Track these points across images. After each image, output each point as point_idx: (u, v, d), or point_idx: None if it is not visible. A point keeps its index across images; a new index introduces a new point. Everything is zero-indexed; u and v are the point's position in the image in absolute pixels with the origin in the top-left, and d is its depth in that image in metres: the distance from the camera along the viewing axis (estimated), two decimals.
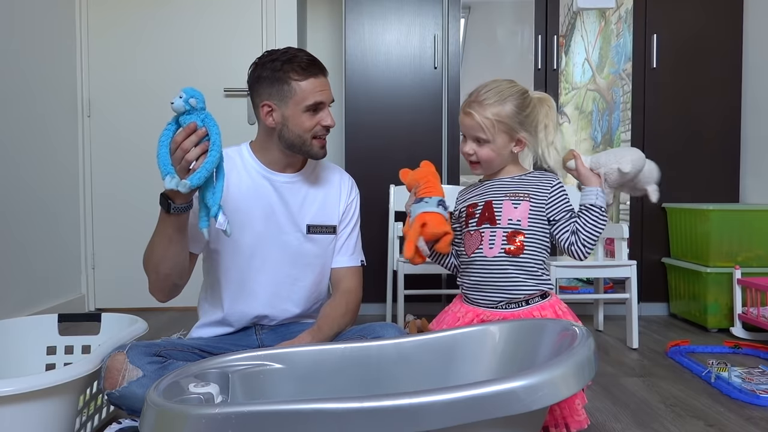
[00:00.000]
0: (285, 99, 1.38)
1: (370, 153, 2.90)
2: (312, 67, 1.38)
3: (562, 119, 3.01)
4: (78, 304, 3.01)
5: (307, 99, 1.37)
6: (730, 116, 2.92)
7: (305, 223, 1.48)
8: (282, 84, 1.37)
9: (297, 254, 1.47)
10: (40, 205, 2.71)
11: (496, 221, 1.32)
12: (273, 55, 1.40)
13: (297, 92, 1.37)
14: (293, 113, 1.38)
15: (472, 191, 1.42)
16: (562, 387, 0.87)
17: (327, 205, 1.52)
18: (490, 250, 1.32)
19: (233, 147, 1.48)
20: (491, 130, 1.27)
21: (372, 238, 1.62)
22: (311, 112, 1.39)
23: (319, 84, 1.38)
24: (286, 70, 1.37)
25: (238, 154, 1.47)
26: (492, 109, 1.27)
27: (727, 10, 2.90)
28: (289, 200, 1.47)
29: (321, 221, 1.49)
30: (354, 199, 1.60)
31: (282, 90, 1.37)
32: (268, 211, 1.44)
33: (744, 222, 2.59)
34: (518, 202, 1.32)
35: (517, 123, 1.28)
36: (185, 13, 3.10)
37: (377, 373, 1.22)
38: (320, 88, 1.39)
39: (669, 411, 1.66)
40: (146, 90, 3.10)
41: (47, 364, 1.70)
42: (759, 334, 2.41)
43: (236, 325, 1.49)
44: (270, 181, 1.45)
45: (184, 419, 0.86)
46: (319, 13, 3.62)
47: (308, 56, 1.40)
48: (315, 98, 1.38)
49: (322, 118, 1.40)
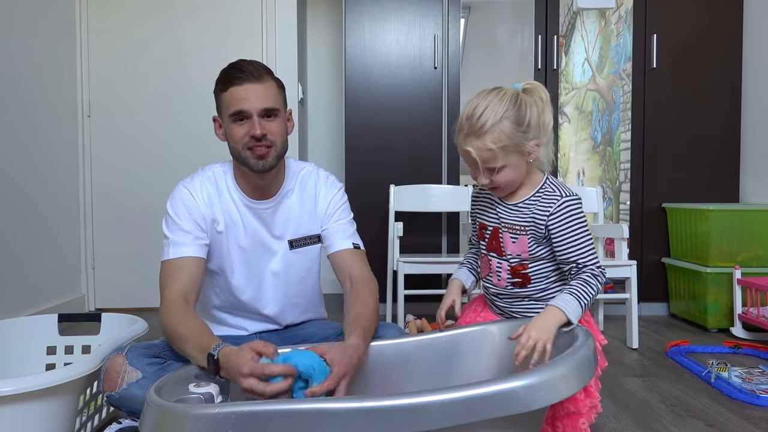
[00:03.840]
0: (220, 112, 1.36)
1: (370, 153, 2.90)
2: (233, 75, 1.31)
3: (562, 119, 3.01)
4: (78, 304, 3.01)
5: (229, 108, 1.32)
6: (730, 116, 2.92)
7: (287, 239, 1.45)
8: (217, 97, 1.36)
9: (286, 272, 1.46)
10: (40, 206, 2.71)
11: (502, 252, 1.25)
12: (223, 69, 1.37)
13: (223, 102, 1.33)
14: (226, 125, 1.35)
15: (485, 206, 1.31)
16: (561, 387, 0.87)
17: (305, 217, 1.47)
18: (498, 281, 1.27)
19: (219, 166, 1.44)
20: (499, 159, 1.13)
21: (372, 238, 1.62)
22: (238, 122, 1.32)
23: (242, 91, 1.30)
24: (217, 82, 1.34)
25: (223, 179, 1.43)
26: (490, 136, 1.12)
27: (727, 10, 2.90)
28: (272, 225, 1.44)
29: (303, 233, 1.46)
30: (335, 192, 1.51)
31: (218, 103, 1.36)
32: (256, 237, 1.43)
33: (744, 222, 2.59)
34: (516, 236, 1.22)
35: (521, 136, 1.13)
36: (185, 13, 3.10)
37: (377, 373, 1.22)
38: (243, 95, 1.30)
39: (669, 411, 1.66)
40: (146, 90, 3.10)
41: (47, 364, 1.70)
42: (759, 334, 2.41)
43: None
44: (252, 210, 1.42)
45: (184, 419, 0.86)
46: (319, 13, 3.62)
47: (240, 65, 1.32)
48: (235, 107, 1.30)
49: (249, 128, 1.31)
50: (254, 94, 1.31)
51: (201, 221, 1.37)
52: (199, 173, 1.43)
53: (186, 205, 1.36)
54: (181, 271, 1.31)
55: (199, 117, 3.06)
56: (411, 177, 2.86)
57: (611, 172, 3.03)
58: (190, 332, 1.20)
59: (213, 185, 1.40)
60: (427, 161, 2.92)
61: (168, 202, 1.39)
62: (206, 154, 3.02)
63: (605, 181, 3.04)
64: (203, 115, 3.09)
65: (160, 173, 3.08)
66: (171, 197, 1.39)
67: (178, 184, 1.41)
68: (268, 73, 1.35)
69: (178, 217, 1.35)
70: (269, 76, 1.35)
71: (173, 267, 1.31)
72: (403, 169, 2.89)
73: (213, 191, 1.40)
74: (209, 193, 1.39)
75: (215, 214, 1.39)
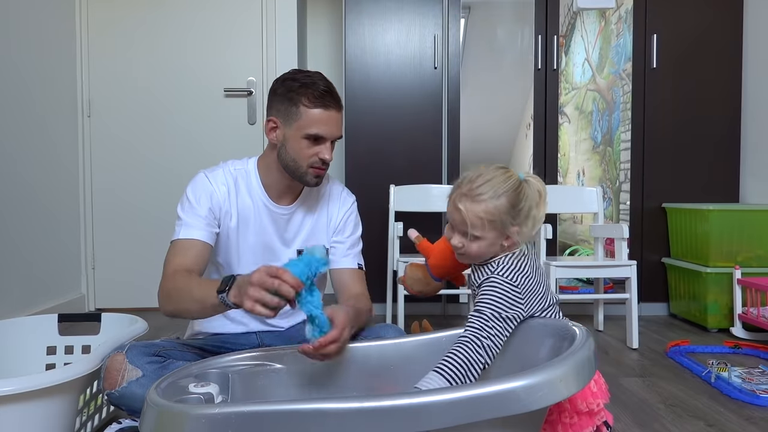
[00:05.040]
0: (290, 120, 1.36)
1: (370, 153, 2.91)
2: (325, 99, 1.35)
3: (562, 119, 3.01)
4: (78, 304, 3.01)
5: (309, 127, 1.35)
6: (730, 116, 2.92)
7: (296, 248, 1.48)
8: (291, 105, 1.35)
9: None
10: (40, 205, 2.71)
11: None
12: (296, 74, 1.39)
13: (302, 117, 1.35)
14: (293, 136, 1.36)
15: None
16: (561, 387, 0.87)
17: (317, 229, 1.50)
18: None
19: (241, 164, 1.47)
20: (481, 229, 1.13)
21: (372, 238, 1.62)
22: (311, 141, 1.36)
23: (326, 117, 1.35)
24: (299, 93, 1.35)
25: (245, 177, 1.45)
26: (484, 205, 1.13)
27: (727, 10, 2.90)
28: (285, 232, 1.47)
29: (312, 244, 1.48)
30: (349, 208, 1.55)
31: (290, 110, 1.36)
32: (265, 240, 1.45)
33: (744, 222, 2.59)
34: None
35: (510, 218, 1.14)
36: (185, 12, 3.10)
37: (377, 373, 1.22)
38: (326, 121, 1.36)
39: (669, 411, 1.66)
40: (146, 90, 3.10)
41: (47, 364, 1.70)
42: (759, 334, 2.41)
43: None
44: (270, 212, 1.45)
45: (184, 419, 0.86)
46: (319, 13, 3.62)
47: (327, 87, 1.37)
48: (318, 129, 1.35)
49: (320, 150, 1.37)
50: (335, 123, 1.38)
51: (217, 210, 1.40)
52: (221, 165, 1.46)
53: (206, 192, 1.40)
54: (189, 249, 1.34)
55: (200, 117, 3.07)
56: (411, 177, 2.86)
57: (611, 172, 3.03)
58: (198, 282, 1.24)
59: (233, 181, 1.43)
60: (427, 161, 2.92)
61: (188, 186, 1.42)
62: (206, 154, 3.03)
63: (605, 181, 3.04)
64: (203, 115, 3.10)
65: (161, 173, 3.08)
66: (192, 182, 1.42)
67: (199, 172, 1.45)
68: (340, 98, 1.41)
69: (196, 200, 1.38)
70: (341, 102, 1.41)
71: (181, 246, 1.34)
72: (403, 169, 2.89)
73: (233, 186, 1.43)
74: (229, 187, 1.42)
75: (231, 208, 1.42)
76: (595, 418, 1.10)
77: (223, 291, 1.12)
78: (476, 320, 1.10)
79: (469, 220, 1.13)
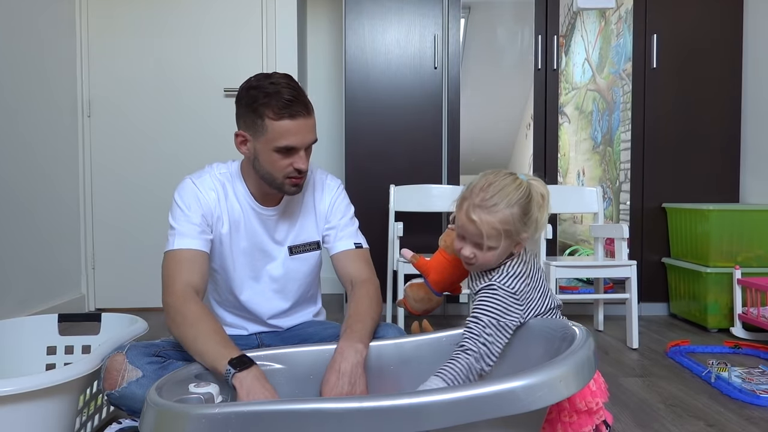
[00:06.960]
0: (257, 134, 1.29)
1: (370, 153, 2.90)
2: (290, 108, 1.26)
3: (562, 119, 3.01)
4: (78, 304, 3.01)
5: (278, 140, 1.27)
6: (730, 116, 2.92)
7: (287, 245, 1.46)
8: (257, 117, 1.28)
9: (285, 277, 1.46)
10: (40, 205, 2.71)
11: None
12: (260, 81, 1.30)
13: (269, 131, 1.27)
14: (264, 150, 1.30)
15: None
16: (561, 387, 0.87)
17: (307, 223, 1.47)
18: None
19: (226, 167, 1.43)
20: (497, 239, 1.12)
21: (372, 238, 1.62)
22: (282, 153, 1.29)
23: (295, 127, 1.27)
24: (263, 104, 1.26)
25: (231, 182, 1.41)
26: (501, 215, 1.11)
27: (727, 10, 2.90)
28: (275, 232, 1.44)
29: (302, 240, 1.46)
30: (333, 191, 1.50)
31: (256, 123, 1.28)
32: (257, 241, 1.43)
33: (744, 222, 2.59)
34: None
35: (522, 225, 1.13)
36: (185, 13, 3.10)
37: (377, 373, 1.22)
38: (296, 131, 1.27)
39: (669, 411, 1.66)
40: (146, 90, 3.10)
41: (47, 364, 1.70)
42: (759, 334, 2.41)
43: None
44: (258, 214, 1.42)
45: (184, 419, 0.86)
46: (319, 13, 3.62)
47: (291, 93, 1.27)
48: (287, 141, 1.27)
49: (294, 161, 1.30)
50: (306, 130, 1.29)
51: (209, 217, 1.36)
52: (206, 170, 1.41)
53: (196, 199, 1.35)
54: (194, 263, 1.29)
55: (199, 117, 3.06)
56: (411, 177, 2.86)
57: (611, 172, 3.03)
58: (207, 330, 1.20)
59: (221, 186, 1.39)
60: (427, 161, 2.92)
61: (176, 194, 1.36)
62: (206, 153, 3.03)
63: (605, 181, 3.04)
64: (203, 115, 3.10)
65: (160, 173, 3.08)
66: (180, 189, 1.37)
67: (185, 178, 1.39)
68: (309, 101, 1.32)
69: (187, 208, 1.33)
70: (311, 105, 1.32)
71: (180, 257, 1.29)
72: (403, 170, 2.89)
73: (221, 191, 1.39)
74: (218, 193, 1.38)
75: (222, 214, 1.38)
76: (594, 417, 1.11)
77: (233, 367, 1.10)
78: (475, 326, 1.10)
79: (485, 231, 1.11)
